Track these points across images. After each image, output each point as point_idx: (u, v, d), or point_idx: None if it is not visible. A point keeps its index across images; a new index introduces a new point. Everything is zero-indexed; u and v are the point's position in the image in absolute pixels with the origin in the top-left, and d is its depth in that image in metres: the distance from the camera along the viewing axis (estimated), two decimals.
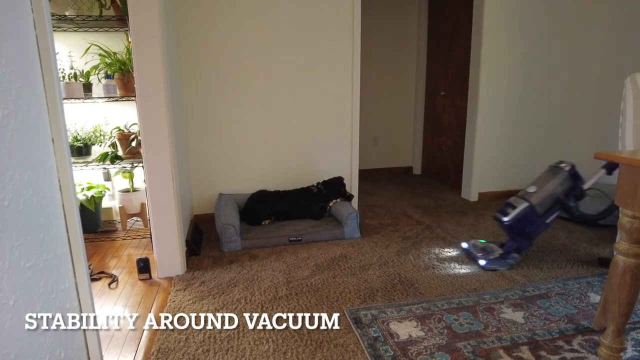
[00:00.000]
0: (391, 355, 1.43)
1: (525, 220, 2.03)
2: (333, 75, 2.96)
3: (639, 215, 1.10)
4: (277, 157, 3.01)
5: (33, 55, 0.96)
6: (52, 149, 1.02)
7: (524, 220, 2.03)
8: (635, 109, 1.35)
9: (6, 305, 0.80)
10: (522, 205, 2.04)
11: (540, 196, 2.04)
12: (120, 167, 2.64)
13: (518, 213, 2.03)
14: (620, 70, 3.20)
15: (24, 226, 0.87)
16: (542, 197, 2.03)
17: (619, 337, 1.21)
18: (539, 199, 2.03)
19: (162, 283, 2.02)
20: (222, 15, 2.71)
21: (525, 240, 2.10)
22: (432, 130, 4.31)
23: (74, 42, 2.57)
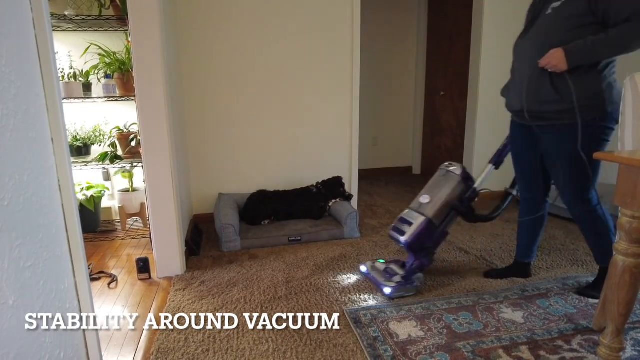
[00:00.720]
0: (391, 355, 1.43)
1: (424, 235, 1.84)
2: (333, 75, 2.96)
3: (638, 215, 1.10)
4: (276, 157, 3.01)
5: (32, 54, 0.96)
6: (51, 148, 1.02)
7: (423, 235, 1.84)
8: (635, 109, 1.35)
9: (5, 305, 0.80)
10: (418, 220, 1.85)
11: (436, 207, 1.86)
12: (119, 167, 2.64)
13: (416, 230, 1.83)
14: (620, 70, 3.20)
15: (24, 226, 0.87)
16: (438, 208, 1.86)
17: (619, 337, 1.21)
18: (435, 210, 1.86)
19: (162, 283, 2.02)
20: (222, 15, 2.71)
21: (426, 255, 1.91)
22: (432, 130, 4.31)
23: (73, 41, 2.57)
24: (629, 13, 1.37)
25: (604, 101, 1.50)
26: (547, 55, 1.49)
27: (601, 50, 1.43)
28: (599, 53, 1.44)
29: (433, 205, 1.87)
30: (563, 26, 1.49)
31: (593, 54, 1.44)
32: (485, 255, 2.29)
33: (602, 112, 1.51)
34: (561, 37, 1.49)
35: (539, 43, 1.55)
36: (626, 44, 1.41)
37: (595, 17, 1.43)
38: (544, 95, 1.55)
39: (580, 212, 1.70)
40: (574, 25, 1.46)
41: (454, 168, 1.93)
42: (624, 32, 1.39)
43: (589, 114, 1.51)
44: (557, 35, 1.50)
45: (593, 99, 1.49)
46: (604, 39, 1.41)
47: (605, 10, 1.40)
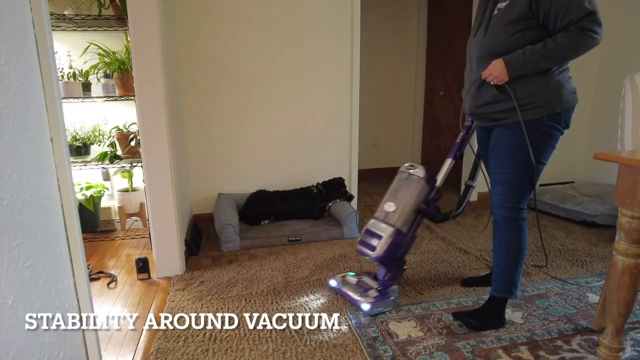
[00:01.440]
0: (390, 355, 1.43)
1: (394, 247, 1.74)
2: (332, 75, 2.96)
3: (638, 215, 1.10)
4: (276, 157, 3.01)
5: (32, 54, 0.96)
6: (51, 148, 1.02)
7: (394, 247, 1.73)
8: (635, 109, 1.36)
9: (5, 305, 0.79)
10: (387, 232, 1.73)
11: (403, 215, 1.75)
12: (119, 167, 2.64)
13: (385, 243, 1.71)
14: (620, 70, 3.21)
15: (23, 226, 0.87)
16: (405, 216, 1.75)
17: (618, 337, 1.21)
18: (403, 219, 1.75)
19: (161, 283, 2.01)
20: (221, 15, 2.71)
21: (397, 265, 1.80)
22: (431, 130, 4.31)
23: (72, 41, 2.57)
24: (567, 22, 1.34)
25: (550, 100, 1.46)
26: (489, 68, 1.47)
27: (539, 62, 1.40)
28: (537, 64, 1.41)
29: (400, 213, 1.75)
30: (507, 29, 1.45)
31: (532, 66, 1.41)
32: (485, 255, 2.29)
33: (548, 110, 1.46)
34: (504, 41, 1.46)
35: (484, 47, 1.53)
36: (563, 56, 1.39)
37: (537, 20, 1.40)
38: (488, 97, 1.53)
39: (504, 217, 1.58)
40: (516, 28, 1.43)
41: (416, 170, 1.81)
42: (561, 44, 1.36)
43: (533, 112, 1.46)
44: (500, 38, 1.47)
45: (538, 97, 1.46)
46: (540, 51, 1.38)
47: (545, 16, 1.38)
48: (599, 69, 3.44)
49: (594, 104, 3.48)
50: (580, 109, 3.71)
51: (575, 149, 3.54)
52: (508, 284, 1.59)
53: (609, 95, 3.36)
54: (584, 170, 3.62)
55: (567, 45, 1.36)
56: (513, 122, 1.49)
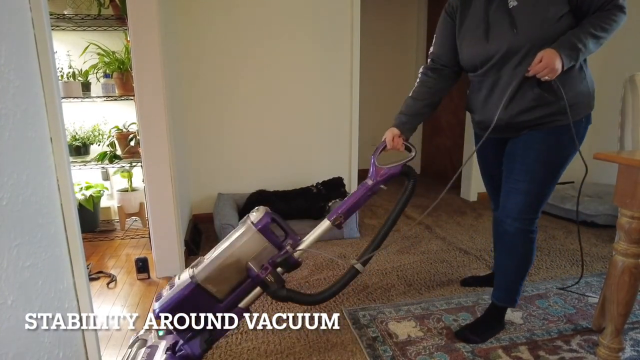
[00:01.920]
0: (390, 355, 1.43)
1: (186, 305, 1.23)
2: (332, 75, 2.96)
3: (638, 216, 1.11)
4: (276, 157, 3.01)
5: (31, 54, 0.96)
6: (50, 148, 1.02)
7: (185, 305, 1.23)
8: (634, 109, 1.36)
9: (4, 305, 0.79)
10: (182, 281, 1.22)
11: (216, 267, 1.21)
12: (118, 167, 2.63)
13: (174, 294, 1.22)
14: (619, 70, 3.21)
15: (22, 226, 0.86)
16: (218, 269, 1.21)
17: (618, 337, 1.21)
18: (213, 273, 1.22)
19: (161, 283, 2.01)
20: (222, 16, 2.71)
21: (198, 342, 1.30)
22: (431, 130, 4.31)
23: (72, 41, 2.56)
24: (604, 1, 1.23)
25: (590, 97, 1.37)
26: (537, 62, 1.24)
27: (589, 45, 1.24)
28: (588, 48, 1.24)
29: (208, 265, 1.20)
30: (544, 20, 1.26)
31: (586, 52, 1.24)
32: (485, 255, 2.29)
33: (588, 109, 1.38)
34: (545, 33, 1.26)
35: (517, 43, 1.29)
36: (606, 36, 1.25)
37: (570, 4, 1.26)
38: (528, 102, 1.33)
39: (518, 229, 1.43)
40: (555, 16, 1.25)
41: (253, 213, 1.25)
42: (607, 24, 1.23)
43: (576, 113, 1.34)
44: (539, 30, 1.27)
45: (582, 95, 1.34)
46: (589, 32, 1.23)
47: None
48: (599, 69, 3.43)
49: (595, 103, 3.47)
50: None
51: None
52: (513, 293, 1.52)
53: (609, 95, 3.35)
54: (583, 170, 3.61)
55: (611, 23, 1.23)
56: (551, 125, 1.33)
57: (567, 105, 1.28)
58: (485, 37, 1.37)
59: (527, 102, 1.32)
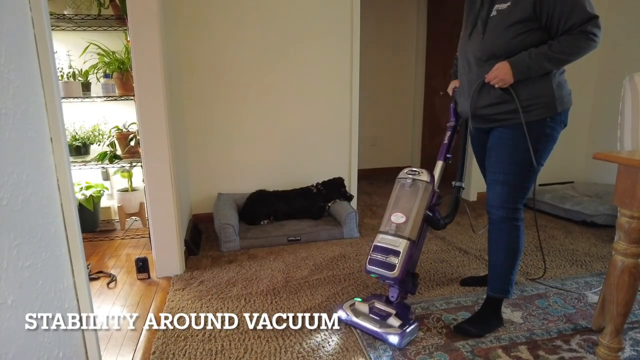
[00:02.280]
0: (390, 355, 1.43)
1: (412, 261, 1.58)
2: (332, 75, 2.96)
3: (637, 215, 1.11)
4: (276, 157, 3.01)
5: (31, 54, 0.96)
6: (50, 148, 1.02)
7: (411, 261, 1.57)
8: (634, 109, 1.36)
9: (4, 305, 0.79)
10: (403, 246, 1.53)
11: (415, 225, 1.58)
12: (118, 167, 2.64)
13: (403, 259, 1.52)
14: (619, 70, 3.21)
15: (22, 225, 0.87)
16: (417, 225, 1.58)
17: (617, 337, 1.21)
18: (415, 229, 1.58)
19: (161, 283, 2.01)
20: (222, 16, 2.71)
21: (411, 282, 1.62)
22: (431, 130, 4.31)
23: (72, 41, 2.56)
24: (570, 25, 1.36)
25: (552, 101, 1.47)
26: (493, 71, 1.45)
27: (544, 64, 1.41)
28: (543, 67, 1.41)
29: (412, 223, 1.57)
30: (509, 31, 1.43)
31: (537, 68, 1.41)
32: (485, 255, 2.29)
33: (550, 111, 1.47)
34: (506, 43, 1.44)
35: (484, 48, 1.50)
36: (567, 58, 1.40)
37: (540, 22, 1.40)
38: (491, 99, 1.51)
39: (501, 217, 1.56)
40: (519, 30, 1.42)
41: (421, 175, 1.65)
42: (566, 47, 1.38)
43: (536, 114, 1.47)
44: (502, 40, 1.45)
45: (540, 99, 1.46)
46: (546, 53, 1.39)
47: (549, 18, 1.38)
48: (599, 69, 3.44)
49: (594, 104, 3.48)
50: (580, 109, 3.73)
51: (575, 149, 3.54)
52: (504, 283, 1.59)
53: (609, 95, 3.36)
54: (583, 170, 3.62)
55: (572, 48, 1.38)
56: (515, 123, 1.48)
57: (520, 106, 1.46)
58: (469, 38, 1.58)
59: (491, 99, 1.52)
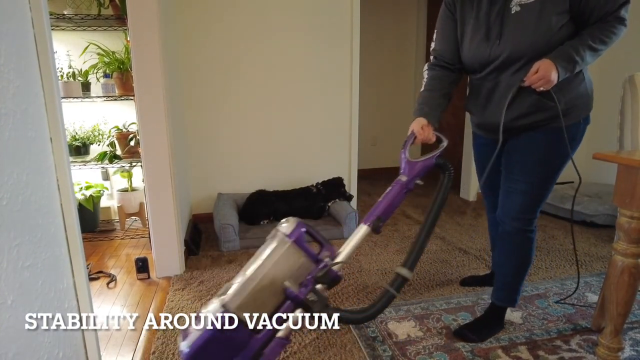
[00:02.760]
0: (389, 355, 1.43)
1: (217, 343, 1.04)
2: (332, 75, 2.96)
3: (637, 215, 1.11)
4: (276, 157, 3.01)
5: (31, 54, 0.96)
6: (50, 148, 1.02)
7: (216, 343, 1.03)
8: (634, 109, 1.36)
9: (4, 305, 0.79)
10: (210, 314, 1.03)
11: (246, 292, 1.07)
12: (118, 167, 2.64)
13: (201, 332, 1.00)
14: (619, 70, 3.21)
15: (22, 225, 0.87)
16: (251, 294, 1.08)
17: (617, 337, 1.21)
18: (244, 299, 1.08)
19: (161, 282, 2.01)
20: (222, 16, 2.71)
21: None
22: None
23: (72, 41, 2.56)
24: (605, 12, 1.24)
25: (588, 101, 1.40)
26: (536, 73, 1.24)
27: (587, 58, 1.26)
28: (586, 60, 1.26)
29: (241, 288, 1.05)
30: (543, 26, 1.26)
31: (583, 63, 1.26)
32: (484, 255, 2.30)
33: (586, 112, 1.40)
34: (542, 40, 1.26)
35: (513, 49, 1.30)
36: (605, 48, 1.28)
37: (572, 12, 1.26)
38: (526, 107, 1.34)
39: (517, 229, 1.45)
40: (557, 25, 1.25)
41: (283, 225, 1.10)
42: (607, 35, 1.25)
43: (574, 116, 1.37)
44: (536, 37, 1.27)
45: (579, 100, 1.37)
46: (589, 45, 1.24)
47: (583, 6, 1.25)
48: (599, 69, 3.43)
49: (594, 104, 3.47)
50: None
51: None
52: (512, 293, 1.53)
53: (608, 95, 3.35)
54: (583, 170, 3.59)
55: (610, 36, 1.25)
56: (550, 127, 1.34)
57: (561, 111, 1.29)
58: (487, 40, 1.35)
59: (526, 108, 1.33)
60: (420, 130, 1.44)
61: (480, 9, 1.37)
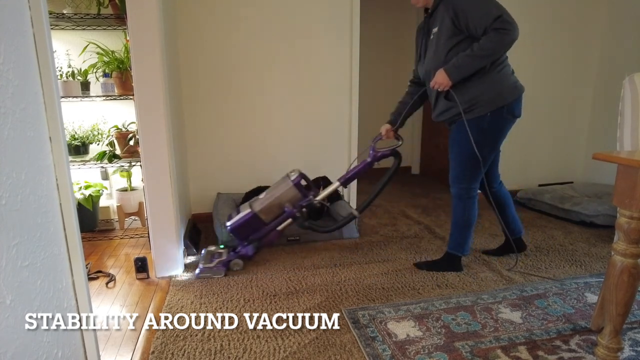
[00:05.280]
0: (389, 354, 1.43)
1: (247, 225, 2.04)
2: (332, 75, 2.96)
3: (637, 216, 1.11)
4: (275, 157, 3.00)
5: (30, 53, 0.96)
6: (49, 147, 1.02)
7: (246, 225, 2.04)
8: (633, 109, 1.36)
9: (3, 304, 0.79)
10: (245, 211, 2.05)
11: (265, 204, 2.05)
12: (118, 166, 2.63)
13: (240, 219, 2.04)
14: (619, 70, 3.21)
15: (21, 225, 0.86)
16: (268, 206, 2.05)
17: (617, 337, 1.21)
18: (265, 208, 2.04)
19: (160, 282, 2.01)
20: (221, 15, 2.71)
21: (249, 245, 2.10)
22: (430, 130, 4.31)
23: (71, 40, 2.56)
24: (484, 28, 1.66)
25: (491, 98, 1.78)
26: (434, 78, 1.79)
27: (472, 62, 1.71)
28: (471, 65, 1.71)
29: (262, 202, 2.05)
30: (444, 48, 1.78)
31: (467, 67, 1.72)
32: (484, 256, 2.30)
33: (490, 107, 1.79)
34: (444, 56, 1.78)
35: (430, 66, 1.86)
36: (488, 53, 1.69)
37: (464, 33, 1.72)
38: (442, 107, 1.91)
39: (454, 194, 1.98)
40: (450, 45, 1.76)
41: (291, 174, 2.06)
42: (483, 44, 1.67)
43: (477, 111, 1.80)
44: (442, 56, 1.79)
45: (480, 97, 1.78)
46: (469, 54, 1.70)
47: (467, 27, 1.70)
48: (598, 69, 3.44)
49: (593, 104, 3.48)
50: (580, 109, 3.73)
51: (574, 149, 3.55)
52: (458, 245, 2.03)
53: (608, 95, 3.36)
54: (583, 171, 3.62)
55: (489, 43, 1.67)
56: (460, 121, 1.85)
57: (461, 109, 1.80)
58: (420, 61, 1.98)
59: (441, 107, 1.92)
60: (385, 132, 2.15)
61: (421, 36, 1.96)
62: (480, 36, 1.69)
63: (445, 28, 1.76)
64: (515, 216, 2.16)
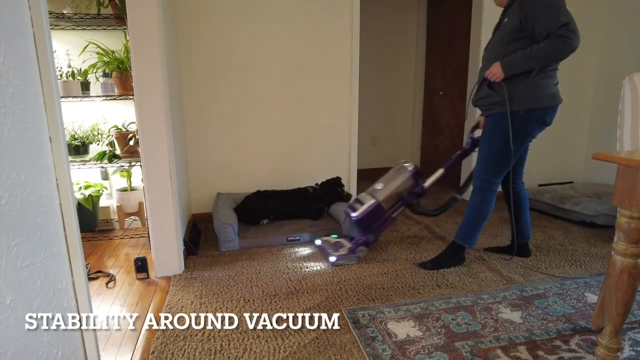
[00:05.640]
0: (389, 354, 1.43)
1: (372, 215, 2.17)
2: (332, 75, 2.96)
3: (637, 216, 1.11)
4: (275, 157, 3.01)
5: (30, 53, 0.96)
6: (49, 147, 1.02)
7: (371, 215, 2.17)
8: (633, 109, 1.36)
9: (3, 304, 0.79)
10: (369, 202, 2.17)
11: (386, 194, 2.18)
12: (118, 166, 2.63)
13: (365, 209, 2.16)
14: (619, 70, 3.21)
15: (21, 225, 0.86)
16: (388, 195, 2.18)
17: (616, 337, 1.21)
18: (385, 197, 2.17)
19: (160, 282, 2.01)
20: (221, 15, 2.71)
21: (372, 234, 2.24)
22: (431, 130, 4.31)
23: (71, 40, 2.56)
24: (547, 32, 1.73)
25: (527, 98, 1.85)
26: (490, 69, 1.88)
27: (527, 62, 1.80)
28: (526, 64, 1.81)
29: (384, 191, 2.18)
30: (504, 40, 1.88)
31: (521, 65, 1.81)
32: (484, 256, 2.30)
33: (524, 106, 1.86)
34: (503, 49, 1.88)
35: (490, 55, 1.96)
36: (545, 57, 1.78)
37: (526, 32, 1.81)
38: (483, 93, 1.98)
39: (476, 186, 2.05)
40: (511, 39, 1.86)
41: (407, 165, 2.22)
42: (543, 47, 1.75)
43: (513, 106, 1.87)
44: (501, 47, 1.90)
45: (518, 94, 1.86)
46: (529, 54, 1.79)
47: (532, 29, 1.78)
48: (599, 69, 3.44)
49: (593, 104, 3.48)
50: (580, 109, 3.72)
51: (575, 149, 3.54)
52: (466, 235, 2.08)
53: (608, 96, 3.36)
54: (583, 171, 3.62)
55: (548, 48, 1.75)
56: (496, 112, 1.93)
57: (507, 98, 1.86)
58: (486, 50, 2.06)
59: (482, 93, 2.00)
60: (482, 122, 2.14)
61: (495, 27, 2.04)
62: (541, 40, 1.76)
63: (512, 24, 1.84)
64: (528, 221, 2.19)
